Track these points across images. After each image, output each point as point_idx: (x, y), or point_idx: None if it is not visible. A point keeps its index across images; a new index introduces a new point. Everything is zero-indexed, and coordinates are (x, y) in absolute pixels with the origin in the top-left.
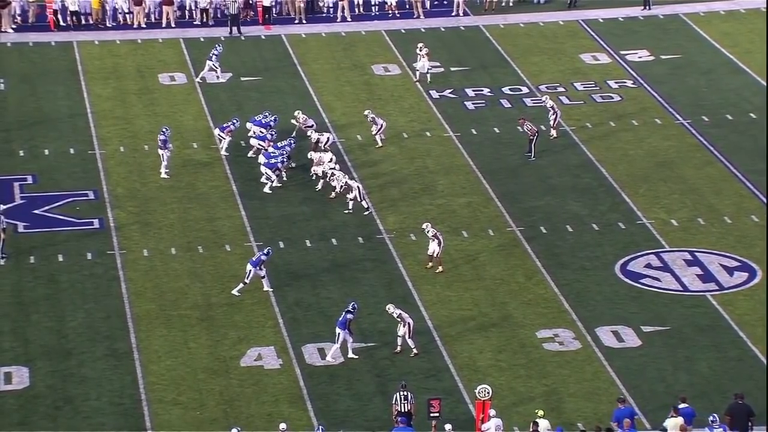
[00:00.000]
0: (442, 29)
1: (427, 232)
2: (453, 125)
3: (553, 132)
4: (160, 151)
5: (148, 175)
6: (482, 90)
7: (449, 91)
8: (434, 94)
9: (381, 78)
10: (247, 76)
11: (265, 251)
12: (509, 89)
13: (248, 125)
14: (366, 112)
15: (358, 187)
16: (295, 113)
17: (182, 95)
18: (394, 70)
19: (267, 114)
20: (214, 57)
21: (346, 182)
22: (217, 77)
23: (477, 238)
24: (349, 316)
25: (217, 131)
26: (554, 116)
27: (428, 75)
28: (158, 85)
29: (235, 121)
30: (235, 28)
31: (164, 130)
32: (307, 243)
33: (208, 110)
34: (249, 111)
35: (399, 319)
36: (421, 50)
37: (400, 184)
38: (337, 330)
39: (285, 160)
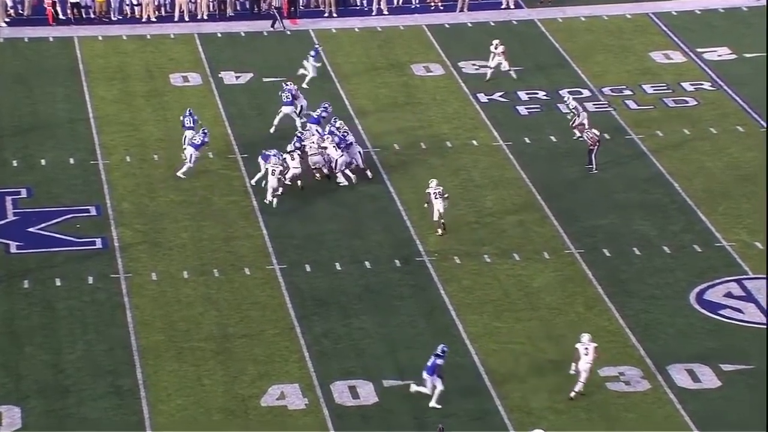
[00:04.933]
0: (491, 24)
1: (433, 190)
2: (503, 133)
3: (577, 132)
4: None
5: (158, 188)
6: (537, 93)
7: (499, 94)
8: (482, 97)
9: (421, 79)
10: (269, 76)
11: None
12: (568, 92)
13: (309, 127)
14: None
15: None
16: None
17: (196, 98)
18: (437, 70)
19: (325, 105)
20: (311, 58)
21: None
22: (306, 83)
23: (530, 261)
24: (439, 361)
25: (261, 161)
26: (575, 118)
27: (513, 72)
28: (169, 87)
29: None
30: (278, 22)
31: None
32: (337, 266)
33: (226, 115)
34: (271, 115)
35: None
36: (496, 48)
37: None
38: (425, 375)
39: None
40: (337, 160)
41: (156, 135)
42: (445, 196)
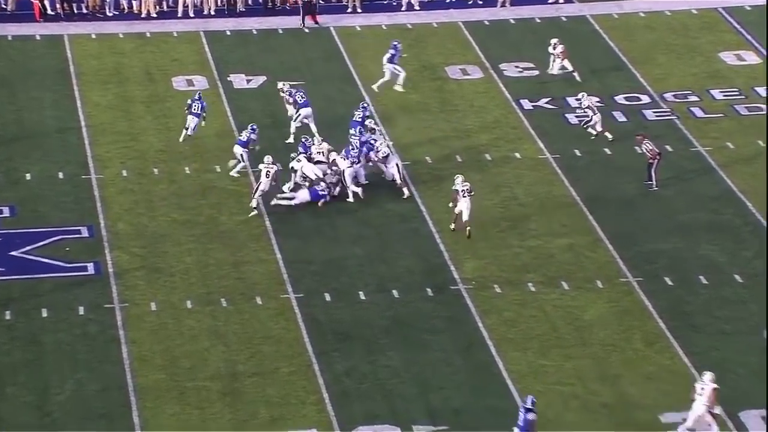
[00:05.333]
0: (537, 20)
1: (459, 186)
2: (551, 144)
3: (592, 131)
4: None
5: (158, 206)
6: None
7: (546, 100)
8: (526, 104)
9: (457, 83)
10: (285, 79)
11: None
12: (624, 98)
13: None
14: (281, 86)
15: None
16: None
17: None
18: (475, 73)
19: (365, 105)
20: (394, 57)
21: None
22: (399, 83)
23: (581, 291)
24: (531, 416)
25: (237, 148)
26: (588, 122)
27: (576, 74)
28: (172, 92)
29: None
30: (308, 18)
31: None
32: (361, 295)
33: (235, 123)
34: (286, 122)
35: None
36: (554, 48)
37: (481, 220)
38: None
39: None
40: (344, 171)
41: (156, 146)
42: (472, 194)
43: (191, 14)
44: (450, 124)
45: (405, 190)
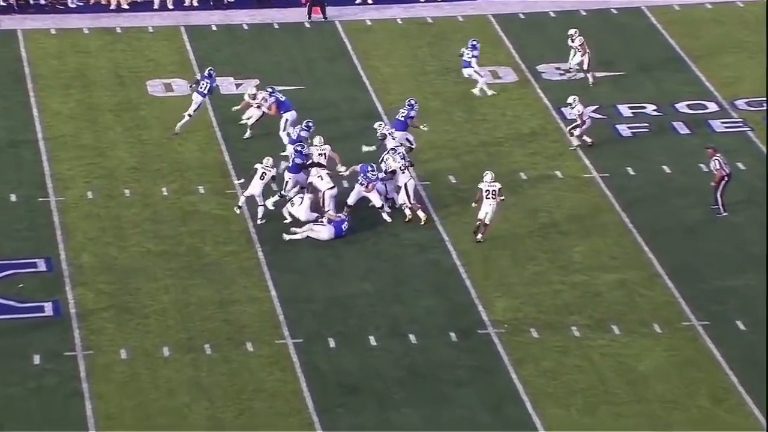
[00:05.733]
0: (582, 13)
1: (486, 186)
2: (598, 161)
3: (575, 141)
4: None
5: (130, 234)
6: (644, 107)
7: (593, 108)
8: (569, 112)
9: (487, 88)
10: (282, 84)
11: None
12: (687, 105)
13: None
14: (252, 91)
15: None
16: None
17: (183, 112)
18: (507, 76)
19: (412, 102)
20: (472, 58)
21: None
22: (481, 89)
23: (635, 336)
24: None
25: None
26: (575, 127)
27: (590, 76)
28: (146, 98)
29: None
30: (314, 11)
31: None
32: (371, 341)
33: (222, 135)
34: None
35: None
36: (573, 40)
37: (514, 250)
38: None
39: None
40: (324, 192)
41: (128, 162)
42: (501, 198)
43: (170, 5)
44: (477, 137)
45: (420, 214)
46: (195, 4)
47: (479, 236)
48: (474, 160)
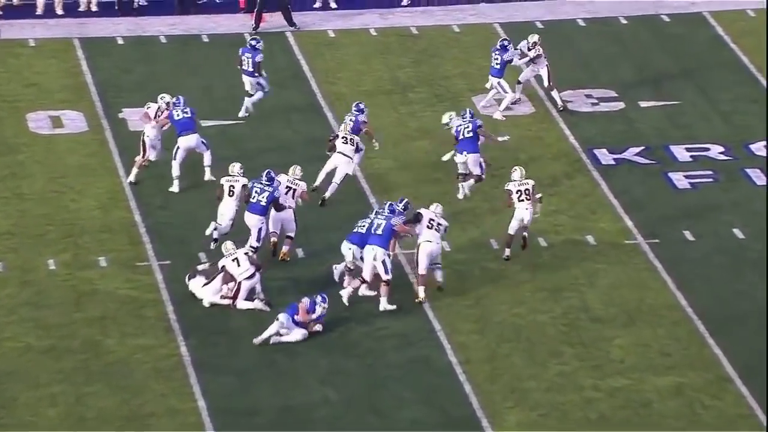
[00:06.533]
0: (622, 20)
1: (516, 187)
2: (644, 222)
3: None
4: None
5: (2, 324)
6: (707, 148)
7: (637, 150)
8: (602, 155)
9: (492, 121)
10: (214, 117)
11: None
12: (766, 146)
13: None
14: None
15: None
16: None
17: (77, 156)
18: (521, 107)
19: (472, 113)
20: (503, 63)
21: None
22: (500, 110)
23: None
24: None
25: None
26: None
27: (563, 103)
28: (26, 136)
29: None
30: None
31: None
32: None
33: (131, 189)
34: (211, 185)
35: None
36: (531, 48)
37: (531, 343)
38: None
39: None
40: (240, 282)
41: (1, 226)
42: (538, 197)
43: (59, 11)
44: (480, 188)
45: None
46: (94, 9)
47: (507, 252)
48: (475, 220)
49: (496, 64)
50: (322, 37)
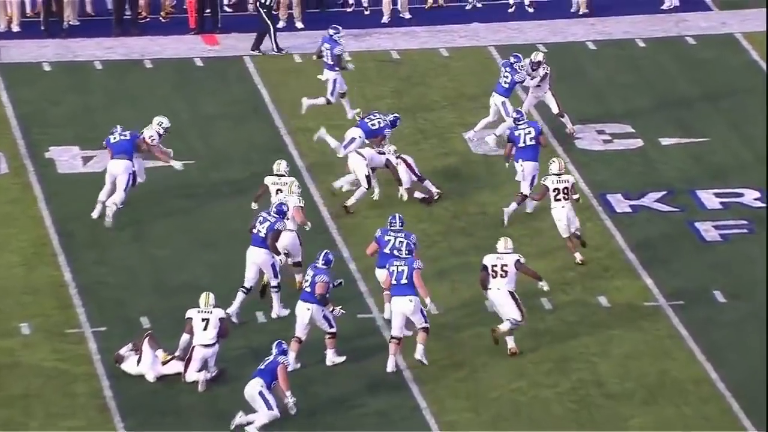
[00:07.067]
0: (640, 43)
1: (554, 185)
2: (667, 279)
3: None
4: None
5: None
6: (740, 193)
7: (656, 195)
8: (620, 204)
9: (486, 160)
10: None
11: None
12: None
13: None
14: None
15: None
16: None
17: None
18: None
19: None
20: (511, 86)
21: None
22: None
23: None
24: None
25: None
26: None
27: (569, 123)
28: None
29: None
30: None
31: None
32: None
33: (60, 240)
34: (177, 245)
35: None
36: (536, 67)
37: (536, 422)
38: None
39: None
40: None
41: None
42: (576, 197)
43: None
44: (470, 240)
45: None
46: (15, 29)
47: (579, 257)
48: (465, 278)
49: (505, 82)
50: (286, 61)
